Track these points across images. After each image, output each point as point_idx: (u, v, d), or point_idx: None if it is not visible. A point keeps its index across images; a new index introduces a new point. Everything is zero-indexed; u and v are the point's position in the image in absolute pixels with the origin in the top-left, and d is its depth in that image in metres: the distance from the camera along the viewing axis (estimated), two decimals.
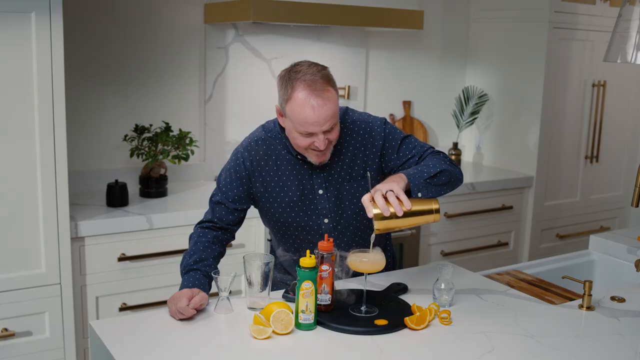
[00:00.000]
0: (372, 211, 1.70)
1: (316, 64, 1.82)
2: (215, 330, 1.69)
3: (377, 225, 1.71)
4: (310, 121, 1.77)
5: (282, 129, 1.94)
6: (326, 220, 1.99)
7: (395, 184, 1.72)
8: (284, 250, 2.09)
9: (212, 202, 2.00)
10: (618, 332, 1.74)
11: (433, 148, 2.00)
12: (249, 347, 1.59)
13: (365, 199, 1.71)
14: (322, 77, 1.78)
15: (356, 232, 2.03)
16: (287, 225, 2.00)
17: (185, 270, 1.89)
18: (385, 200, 1.69)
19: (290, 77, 1.79)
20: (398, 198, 1.69)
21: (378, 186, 1.73)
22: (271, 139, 1.96)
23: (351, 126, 1.97)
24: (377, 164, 1.98)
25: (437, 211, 1.76)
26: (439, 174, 1.82)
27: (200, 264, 1.89)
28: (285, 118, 1.85)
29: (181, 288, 1.84)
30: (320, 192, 1.97)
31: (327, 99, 1.77)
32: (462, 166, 3.91)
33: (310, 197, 1.96)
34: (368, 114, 2.04)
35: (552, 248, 3.90)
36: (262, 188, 1.96)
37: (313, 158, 1.88)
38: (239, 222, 2.03)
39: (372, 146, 1.97)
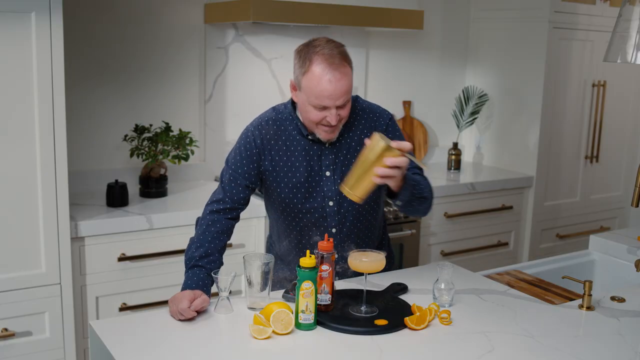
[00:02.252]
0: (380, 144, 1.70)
1: (333, 41, 1.88)
2: (215, 330, 1.69)
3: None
4: (326, 94, 1.82)
5: (294, 110, 1.99)
6: (331, 203, 2.01)
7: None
8: (286, 238, 2.09)
9: (223, 180, 2.02)
10: (618, 332, 1.74)
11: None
12: (249, 347, 1.59)
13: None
14: (339, 53, 1.84)
15: (358, 217, 2.05)
16: (292, 206, 2.01)
17: (190, 264, 1.89)
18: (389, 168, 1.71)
19: (308, 50, 1.85)
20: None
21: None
22: (282, 120, 2.00)
23: (360, 112, 2.04)
24: None
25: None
26: (423, 200, 1.93)
27: (206, 260, 1.90)
28: (299, 92, 1.90)
29: (184, 286, 1.84)
30: (328, 174, 2.00)
31: (343, 73, 1.83)
32: (462, 166, 3.92)
33: (317, 179, 1.99)
34: (378, 105, 2.10)
35: (552, 248, 3.90)
36: (270, 167, 1.99)
37: (322, 134, 1.93)
38: (247, 202, 2.03)
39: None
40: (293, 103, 2.01)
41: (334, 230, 2.03)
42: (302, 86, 1.87)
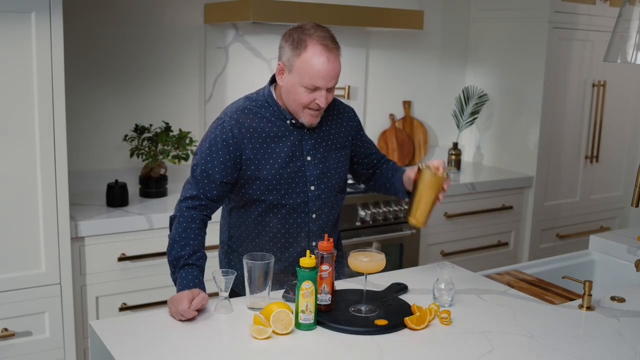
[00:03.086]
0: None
1: (322, 26, 1.92)
2: (215, 330, 1.69)
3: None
4: (321, 74, 1.86)
5: (270, 97, 1.99)
6: (312, 188, 2.02)
7: None
8: (259, 234, 2.03)
9: (194, 175, 1.96)
10: (618, 332, 1.74)
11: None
12: (249, 347, 1.59)
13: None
14: (331, 37, 1.90)
15: (334, 203, 2.08)
16: (274, 192, 1.98)
17: (180, 263, 1.88)
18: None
19: (302, 33, 1.89)
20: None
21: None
22: (257, 107, 2.00)
23: (336, 103, 2.13)
24: (350, 142, 2.13)
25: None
26: None
27: (195, 257, 1.89)
28: (289, 74, 1.91)
29: (180, 287, 1.84)
30: (309, 158, 2.01)
31: (337, 56, 1.90)
32: (462, 166, 3.92)
33: (299, 164, 1.99)
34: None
35: (552, 248, 3.91)
36: (252, 155, 1.95)
37: (307, 118, 1.95)
38: (221, 200, 1.99)
39: (349, 127, 2.12)
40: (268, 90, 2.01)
41: (313, 215, 2.03)
42: (294, 67, 1.88)
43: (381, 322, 1.71)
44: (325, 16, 3.01)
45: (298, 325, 1.69)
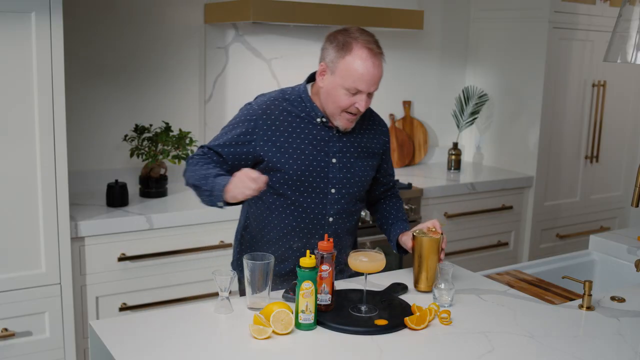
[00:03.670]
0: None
1: (366, 30, 1.94)
2: (215, 330, 1.69)
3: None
4: (365, 78, 1.87)
5: (304, 93, 1.99)
6: (333, 190, 2.01)
7: None
8: (276, 227, 2.03)
9: (204, 147, 1.98)
10: (618, 332, 1.74)
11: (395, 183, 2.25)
12: (249, 347, 1.59)
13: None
14: (376, 43, 1.92)
15: (352, 209, 2.07)
16: (293, 189, 1.98)
17: (213, 174, 1.86)
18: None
19: (348, 36, 1.90)
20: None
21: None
22: (289, 101, 2.00)
23: (372, 113, 2.13)
24: (379, 156, 2.12)
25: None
26: None
27: (223, 173, 1.89)
28: (331, 76, 1.91)
29: (225, 182, 1.81)
30: (334, 160, 2.00)
31: (381, 62, 1.92)
32: (462, 166, 3.92)
33: (322, 165, 1.99)
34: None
35: (552, 248, 3.91)
36: (274, 147, 1.95)
37: (343, 122, 1.95)
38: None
39: (381, 141, 2.13)
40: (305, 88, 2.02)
41: (330, 219, 2.03)
42: (337, 69, 1.88)
43: (381, 322, 1.71)
44: (325, 16, 3.01)
45: (298, 325, 1.69)
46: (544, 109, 3.69)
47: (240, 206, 2.10)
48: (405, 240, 2.06)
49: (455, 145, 3.84)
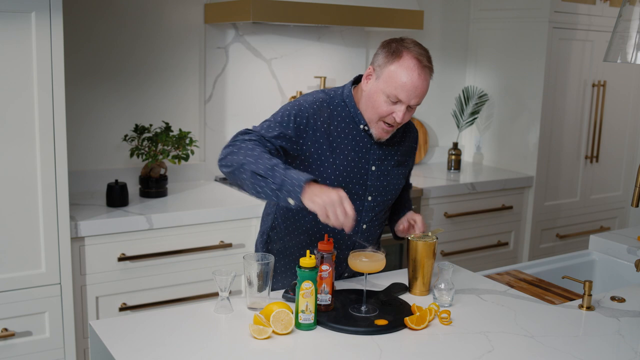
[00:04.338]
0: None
1: (420, 44, 1.92)
2: (215, 330, 1.69)
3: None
4: (407, 87, 1.84)
5: (349, 97, 1.96)
6: (370, 198, 2.00)
7: None
8: (307, 231, 1.98)
9: (252, 132, 1.85)
10: (618, 332, 1.74)
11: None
12: (249, 347, 1.59)
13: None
14: (427, 56, 1.89)
15: (384, 216, 2.08)
16: None
17: (281, 167, 1.71)
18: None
19: (401, 45, 1.88)
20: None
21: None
22: (334, 104, 1.97)
23: (412, 127, 2.12)
24: (408, 163, 2.11)
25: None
26: None
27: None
28: (375, 80, 1.89)
29: (305, 177, 1.68)
30: (373, 168, 1.99)
31: (427, 75, 1.89)
32: (462, 166, 3.92)
33: (362, 172, 1.97)
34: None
35: (552, 248, 3.91)
36: (320, 150, 1.91)
37: (377, 131, 1.93)
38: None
39: (411, 148, 2.12)
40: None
41: (364, 226, 2.02)
42: (383, 74, 1.86)
43: (381, 322, 1.71)
44: (325, 16, 3.01)
45: (298, 325, 1.69)
46: (543, 109, 3.69)
47: (263, 204, 2.06)
48: (401, 229, 2.08)
49: (455, 145, 3.85)
